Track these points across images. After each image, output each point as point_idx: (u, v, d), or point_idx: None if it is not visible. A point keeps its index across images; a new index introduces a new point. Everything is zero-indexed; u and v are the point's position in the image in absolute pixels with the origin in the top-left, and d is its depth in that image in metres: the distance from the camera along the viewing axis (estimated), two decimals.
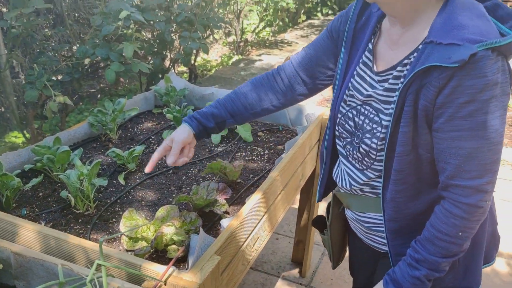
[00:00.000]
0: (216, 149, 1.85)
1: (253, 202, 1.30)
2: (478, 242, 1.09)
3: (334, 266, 1.42)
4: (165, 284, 1.00)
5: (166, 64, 4.07)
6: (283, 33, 7.18)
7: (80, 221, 1.34)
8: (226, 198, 1.40)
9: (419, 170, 1.00)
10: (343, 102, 1.14)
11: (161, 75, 3.76)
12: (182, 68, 5.28)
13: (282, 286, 2.29)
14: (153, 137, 1.93)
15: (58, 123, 3.25)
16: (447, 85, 0.87)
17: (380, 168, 1.06)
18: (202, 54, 4.88)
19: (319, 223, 1.41)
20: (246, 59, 5.31)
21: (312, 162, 1.91)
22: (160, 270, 1.01)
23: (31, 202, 1.43)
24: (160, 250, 1.19)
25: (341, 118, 1.15)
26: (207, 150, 1.84)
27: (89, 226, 1.31)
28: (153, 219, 1.25)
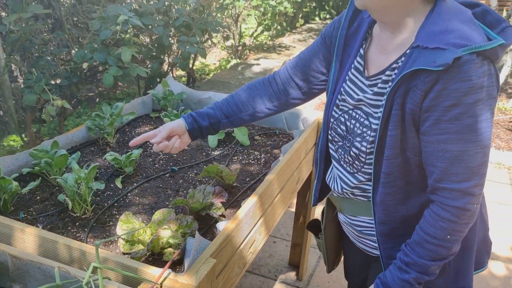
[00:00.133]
0: (213, 152, 1.86)
1: (249, 205, 1.31)
2: (469, 246, 1.10)
3: (329, 270, 1.43)
4: (161, 286, 1.01)
5: (165, 68, 4.09)
6: (281, 37, 7.21)
7: (77, 224, 1.35)
8: (222, 202, 1.41)
9: (408, 173, 1.01)
10: (336, 107, 1.16)
11: (159, 79, 3.77)
12: (181, 72, 5.29)
13: None
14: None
15: (57, 127, 3.26)
16: (433, 88, 0.89)
17: (369, 171, 1.07)
18: (200, 58, 4.90)
19: (314, 227, 1.42)
20: (244, 63, 5.32)
21: (308, 165, 1.92)
22: (156, 272, 1.02)
23: (29, 205, 1.43)
24: (156, 253, 1.20)
25: (333, 122, 1.16)
26: (204, 154, 1.85)
27: (86, 229, 1.32)
28: (149, 222, 1.26)
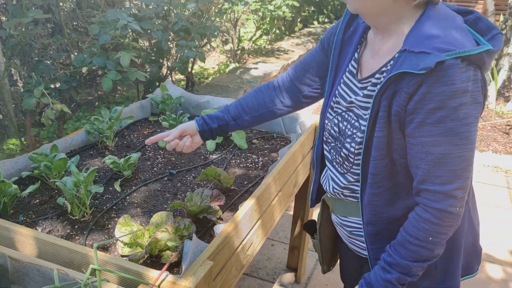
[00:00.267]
0: (211, 156, 1.87)
1: (246, 208, 1.32)
2: (457, 247, 1.11)
3: (324, 271, 1.44)
4: None
5: (163, 72, 4.10)
6: (280, 41, 7.22)
7: (76, 227, 1.36)
8: (220, 205, 1.42)
9: (395, 175, 1.03)
10: (330, 109, 1.19)
11: (158, 83, 3.79)
12: (180, 76, 5.31)
13: None
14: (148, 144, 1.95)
15: (56, 131, 3.27)
16: (417, 91, 0.91)
17: (358, 171, 1.09)
18: (199, 62, 4.92)
19: (311, 228, 1.44)
20: (243, 67, 5.34)
21: (305, 169, 1.94)
22: (154, 275, 1.03)
23: (28, 208, 1.45)
24: (154, 256, 1.21)
25: (327, 124, 1.19)
26: (202, 157, 1.86)
27: (85, 232, 1.33)
28: (148, 225, 1.28)
